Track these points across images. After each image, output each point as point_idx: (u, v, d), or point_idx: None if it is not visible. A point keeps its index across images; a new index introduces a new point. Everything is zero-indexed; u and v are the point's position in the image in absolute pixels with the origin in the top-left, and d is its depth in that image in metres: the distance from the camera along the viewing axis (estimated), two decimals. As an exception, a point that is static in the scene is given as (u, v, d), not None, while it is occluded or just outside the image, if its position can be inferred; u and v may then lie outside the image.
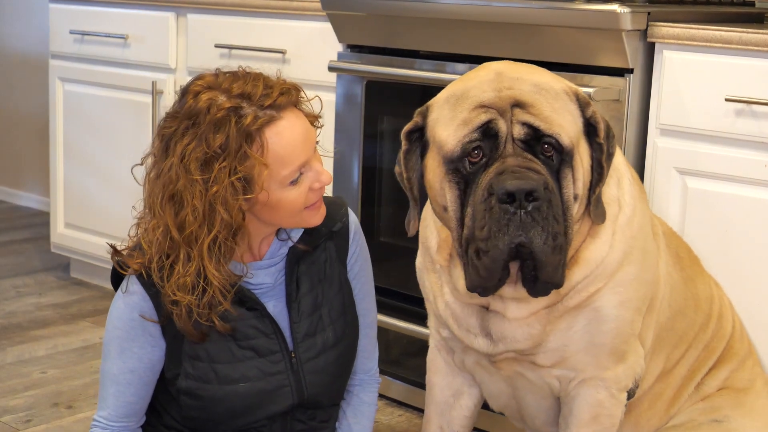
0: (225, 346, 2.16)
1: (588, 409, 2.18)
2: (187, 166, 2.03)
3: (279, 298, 2.21)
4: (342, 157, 3.27)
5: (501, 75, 1.98)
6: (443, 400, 2.36)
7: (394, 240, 3.21)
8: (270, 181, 2.05)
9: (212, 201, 2.02)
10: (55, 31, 4.27)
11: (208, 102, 2.03)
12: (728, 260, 2.59)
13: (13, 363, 3.52)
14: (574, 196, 1.95)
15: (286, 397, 2.20)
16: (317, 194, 2.14)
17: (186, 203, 2.03)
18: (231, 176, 2.01)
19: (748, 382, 2.41)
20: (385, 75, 3.09)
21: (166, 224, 2.06)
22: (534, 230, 1.87)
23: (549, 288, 1.97)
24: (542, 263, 1.90)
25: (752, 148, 2.54)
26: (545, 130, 1.91)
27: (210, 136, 2.01)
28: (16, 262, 4.72)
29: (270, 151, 2.04)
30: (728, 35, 2.54)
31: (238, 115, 2.02)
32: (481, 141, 1.92)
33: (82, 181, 4.26)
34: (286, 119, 2.07)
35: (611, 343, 2.13)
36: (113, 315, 2.18)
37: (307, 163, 2.10)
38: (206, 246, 2.04)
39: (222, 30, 3.68)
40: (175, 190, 2.04)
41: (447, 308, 2.17)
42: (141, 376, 2.18)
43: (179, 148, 2.03)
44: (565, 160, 1.93)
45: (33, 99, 5.63)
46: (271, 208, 2.09)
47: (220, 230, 2.04)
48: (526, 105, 1.93)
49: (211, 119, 2.02)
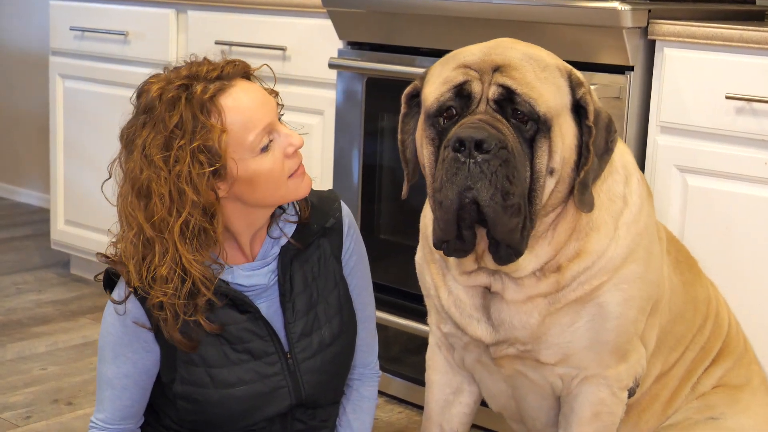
0: (219, 350, 2.14)
1: (589, 407, 2.18)
2: (149, 156, 2.00)
3: (273, 298, 2.19)
4: (342, 154, 3.27)
5: (499, 44, 2.01)
6: (443, 398, 2.36)
7: (393, 237, 3.21)
8: (237, 150, 2.02)
9: (177, 182, 1.99)
10: (56, 28, 4.27)
11: (158, 91, 2.04)
12: (728, 258, 2.59)
13: (13, 360, 3.52)
14: (550, 169, 1.95)
15: (283, 398, 2.19)
16: (295, 160, 2.10)
17: (153, 193, 2.00)
18: (193, 151, 1.98)
19: (744, 380, 2.41)
20: (386, 72, 3.09)
21: (139, 224, 2.02)
22: (481, 182, 1.88)
23: (511, 254, 1.96)
24: (492, 221, 1.90)
25: (753, 145, 2.54)
26: (520, 93, 1.92)
27: (166, 117, 2.00)
28: (16, 259, 4.72)
29: (228, 117, 2.01)
30: (729, 33, 2.54)
31: (189, 92, 2.02)
32: (455, 100, 1.96)
33: (82, 178, 4.26)
34: (239, 86, 2.06)
35: (614, 341, 2.13)
36: (107, 321, 2.17)
37: (272, 128, 2.07)
38: (177, 230, 2.00)
39: (222, 27, 3.67)
40: (141, 184, 2.01)
41: (449, 296, 2.17)
42: (136, 380, 2.17)
43: (139, 141, 2.03)
44: (541, 129, 1.93)
45: (33, 96, 5.63)
46: (251, 183, 2.05)
47: (191, 212, 2.00)
48: (508, 68, 1.94)
49: (163, 103, 2.01)
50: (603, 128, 2.01)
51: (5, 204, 5.80)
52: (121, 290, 2.14)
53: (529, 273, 2.06)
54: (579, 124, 1.99)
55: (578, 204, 1.99)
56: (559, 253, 2.05)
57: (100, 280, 2.20)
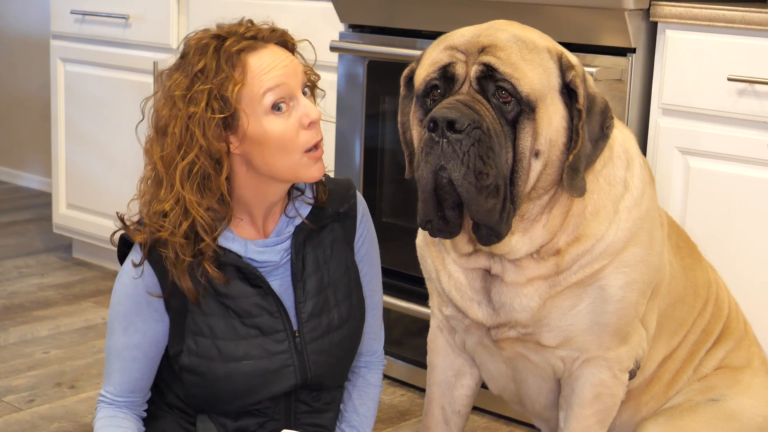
0: (229, 323, 2.16)
1: (590, 389, 2.18)
2: (171, 96, 2.07)
3: (284, 276, 2.21)
4: (344, 137, 3.27)
5: (492, 25, 2.01)
6: (444, 380, 2.37)
7: (395, 220, 3.21)
8: (250, 104, 2.05)
9: (189, 123, 2.04)
10: (56, 11, 4.26)
11: (195, 40, 2.10)
12: (730, 239, 2.59)
13: (16, 343, 3.53)
14: (535, 151, 1.95)
15: (289, 377, 2.20)
16: (312, 133, 2.11)
17: (169, 132, 2.06)
18: (208, 96, 2.04)
19: (744, 361, 2.42)
20: (387, 55, 3.09)
21: (154, 161, 2.09)
22: (453, 161, 1.90)
23: (491, 235, 1.98)
24: (467, 201, 1.92)
25: (754, 127, 2.53)
26: (502, 72, 1.93)
27: (193, 62, 2.07)
28: (19, 243, 4.73)
29: (248, 72, 2.06)
30: (731, 14, 2.53)
31: (220, 42, 2.08)
32: (440, 81, 1.98)
33: (83, 162, 4.26)
34: (269, 48, 2.10)
35: (615, 323, 2.13)
36: (118, 290, 2.19)
37: (292, 94, 2.09)
38: (182, 169, 2.05)
39: (223, 10, 3.65)
40: (160, 121, 2.09)
41: (450, 279, 2.17)
42: (145, 351, 2.19)
43: (168, 83, 2.09)
44: (524, 110, 1.94)
45: (34, 79, 5.63)
46: (260, 143, 2.07)
47: (198, 156, 2.04)
48: (494, 49, 1.95)
49: (195, 50, 2.08)
50: (598, 113, 2.00)
51: (7, 188, 5.81)
52: (137, 253, 2.16)
53: (524, 255, 2.06)
54: (571, 108, 1.99)
55: (567, 188, 1.98)
56: (555, 237, 2.05)
57: (115, 243, 2.21)
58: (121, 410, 2.21)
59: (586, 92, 1.98)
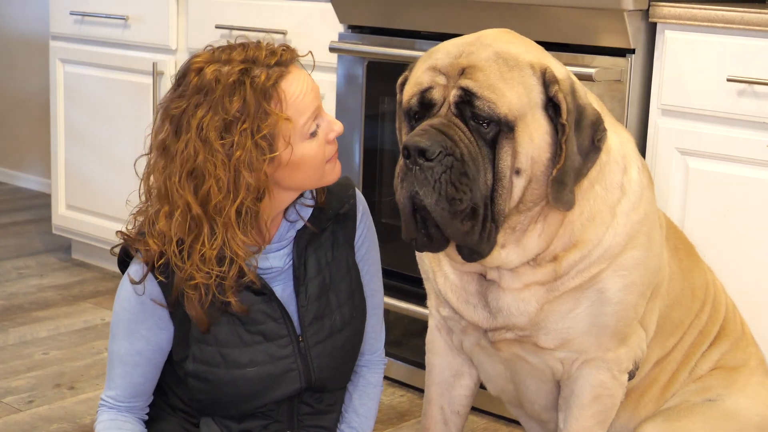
0: (233, 331, 2.15)
1: (590, 390, 2.18)
2: (205, 138, 2.01)
3: (287, 282, 2.20)
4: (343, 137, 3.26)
5: (478, 39, 2.00)
6: (443, 381, 2.37)
7: (394, 221, 3.21)
8: (293, 135, 2.05)
9: (237, 167, 2.01)
10: (56, 12, 4.26)
11: (215, 74, 2.03)
12: (729, 240, 2.59)
13: (15, 344, 3.53)
14: (515, 169, 1.94)
15: (293, 381, 2.20)
16: (334, 146, 2.14)
17: (208, 176, 2.01)
18: (254, 137, 2.00)
19: (741, 361, 2.42)
20: (386, 56, 3.09)
21: (186, 203, 2.03)
22: (425, 188, 1.92)
23: (473, 254, 2.00)
24: (443, 225, 1.94)
25: (754, 128, 2.53)
26: (480, 96, 1.92)
27: (226, 101, 2.01)
28: (18, 244, 4.73)
29: (288, 103, 2.04)
30: (730, 15, 2.53)
31: (251, 76, 2.03)
32: (418, 106, 1.99)
33: (83, 163, 4.26)
34: (294, 72, 2.09)
35: (614, 325, 2.13)
36: (121, 297, 2.17)
37: (318, 113, 2.10)
38: (233, 214, 2.02)
39: (222, 10, 3.67)
40: (195, 165, 2.02)
41: (446, 282, 2.17)
42: (149, 357, 2.18)
43: (194, 122, 2.02)
44: (503, 130, 1.93)
45: (33, 80, 5.62)
46: (294, 167, 2.07)
47: (246, 196, 2.03)
48: (473, 71, 1.94)
49: (224, 86, 2.01)
50: (588, 126, 1.98)
51: (6, 188, 5.80)
52: (138, 267, 2.13)
53: (518, 265, 2.05)
54: (557, 122, 1.97)
55: (553, 202, 1.96)
56: (552, 244, 2.04)
57: (116, 254, 2.20)
58: (122, 414, 2.20)
59: (575, 104, 1.97)
